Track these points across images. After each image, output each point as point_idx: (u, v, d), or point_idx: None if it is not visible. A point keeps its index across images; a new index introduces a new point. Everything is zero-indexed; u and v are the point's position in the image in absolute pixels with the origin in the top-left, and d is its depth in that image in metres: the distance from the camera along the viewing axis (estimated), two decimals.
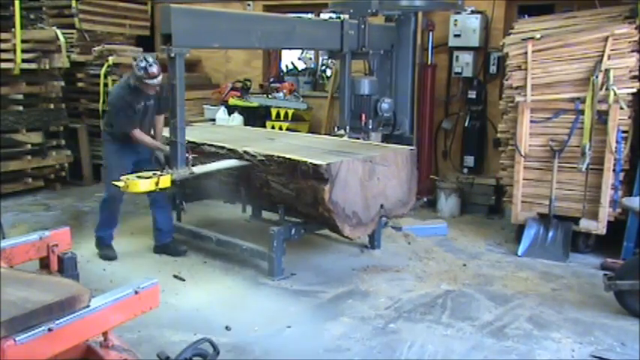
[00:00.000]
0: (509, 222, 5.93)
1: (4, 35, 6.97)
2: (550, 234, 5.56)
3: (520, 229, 5.83)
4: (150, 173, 4.40)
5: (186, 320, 4.08)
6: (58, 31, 7.61)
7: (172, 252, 5.37)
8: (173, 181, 4.41)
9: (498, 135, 6.00)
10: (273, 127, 7.40)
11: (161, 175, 4.36)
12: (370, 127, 6.22)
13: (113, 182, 4.49)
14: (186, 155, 4.53)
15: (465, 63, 6.98)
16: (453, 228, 6.27)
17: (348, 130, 5.95)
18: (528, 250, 5.53)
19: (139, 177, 4.34)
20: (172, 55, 4.27)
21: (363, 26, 5.80)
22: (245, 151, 4.92)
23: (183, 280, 4.81)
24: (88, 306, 2.05)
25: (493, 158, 6.93)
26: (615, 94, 5.21)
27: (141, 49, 8.60)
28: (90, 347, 2.16)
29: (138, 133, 5.08)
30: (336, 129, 6.08)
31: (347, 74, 5.88)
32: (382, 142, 6.14)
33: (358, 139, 5.89)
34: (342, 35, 5.59)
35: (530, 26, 5.93)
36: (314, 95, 8.31)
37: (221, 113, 7.55)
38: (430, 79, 7.15)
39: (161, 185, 4.34)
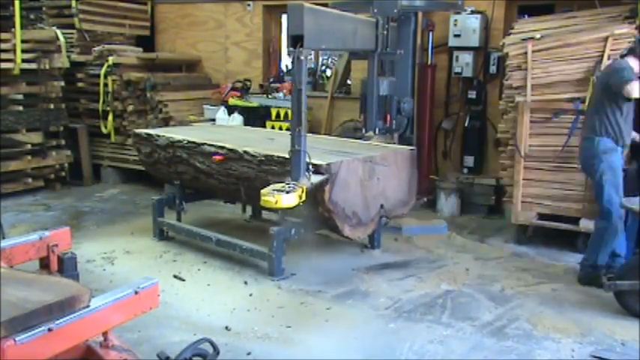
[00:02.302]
0: (510, 222, 5.93)
1: (4, 35, 6.98)
2: None
3: (521, 229, 5.84)
4: (286, 185, 4.14)
5: (186, 320, 4.08)
6: (58, 31, 7.62)
7: None
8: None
9: (498, 135, 6.00)
10: (273, 127, 7.40)
11: (295, 186, 4.11)
12: (393, 127, 6.24)
13: None
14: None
15: (465, 63, 6.98)
16: (452, 228, 6.28)
17: (377, 132, 5.96)
18: None
19: (276, 190, 4.08)
20: (302, 57, 4.09)
21: (386, 26, 5.82)
22: (245, 151, 4.92)
23: (183, 280, 4.81)
24: (88, 306, 2.04)
25: (493, 158, 6.93)
26: None
27: (141, 49, 8.62)
28: (90, 347, 2.16)
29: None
30: (364, 130, 6.08)
31: (374, 75, 5.89)
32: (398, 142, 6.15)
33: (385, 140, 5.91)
34: (377, 35, 5.60)
35: (530, 26, 5.93)
36: (314, 95, 8.29)
37: (221, 113, 7.54)
38: (430, 79, 7.15)
39: (304, 198, 4.12)
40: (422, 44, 7.08)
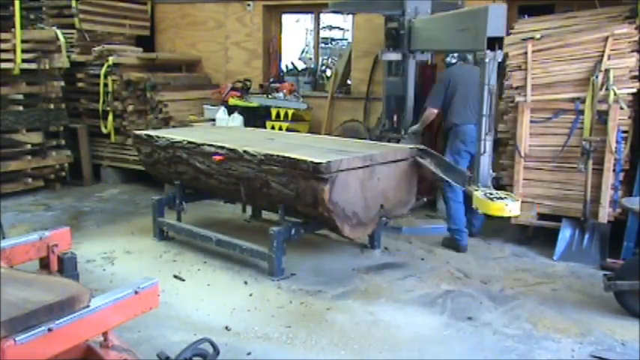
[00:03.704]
0: (509, 222, 5.92)
1: (4, 35, 6.98)
2: (586, 237, 5.45)
3: (521, 229, 5.84)
4: (489, 192, 4.11)
5: (186, 320, 4.08)
6: (58, 31, 7.62)
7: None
8: None
9: (498, 135, 5.99)
10: (273, 127, 7.40)
11: (497, 193, 4.15)
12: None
13: None
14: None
15: None
16: None
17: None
18: (563, 254, 5.45)
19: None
20: (497, 60, 3.98)
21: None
22: (245, 151, 4.92)
23: (183, 280, 4.81)
24: (88, 306, 2.05)
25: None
26: (615, 94, 5.21)
27: (141, 49, 8.62)
28: (90, 347, 2.16)
29: None
30: (402, 132, 6.26)
31: (413, 76, 6.01)
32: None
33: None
34: None
35: (530, 26, 5.93)
36: (314, 95, 8.32)
37: (221, 113, 7.55)
38: (430, 79, 7.14)
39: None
40: None
